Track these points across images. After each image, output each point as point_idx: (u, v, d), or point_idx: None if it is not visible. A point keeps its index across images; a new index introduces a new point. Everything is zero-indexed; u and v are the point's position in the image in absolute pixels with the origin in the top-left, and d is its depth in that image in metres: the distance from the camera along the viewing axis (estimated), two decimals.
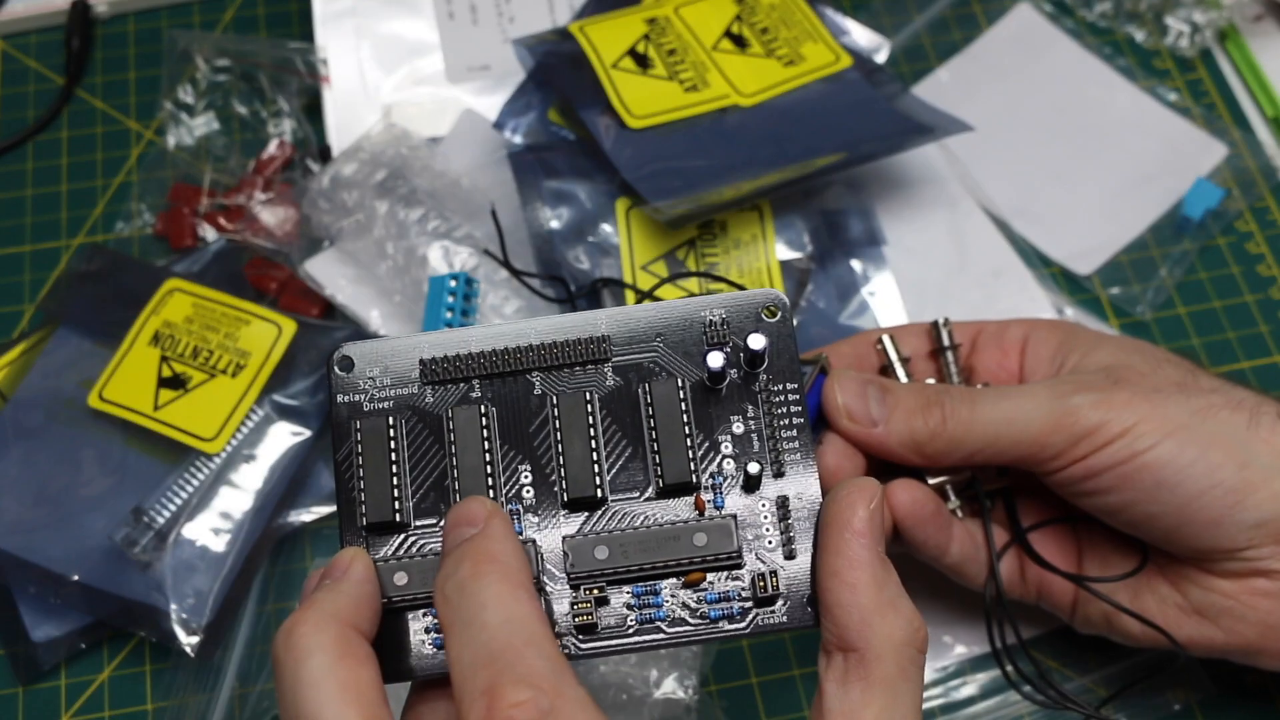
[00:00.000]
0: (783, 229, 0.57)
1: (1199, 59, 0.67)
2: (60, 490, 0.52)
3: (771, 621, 0.36)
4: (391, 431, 0.37)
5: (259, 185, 0.62)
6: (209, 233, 0.61)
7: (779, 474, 0.37)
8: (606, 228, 0.55)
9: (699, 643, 0.36)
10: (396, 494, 0.37)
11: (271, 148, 0.63)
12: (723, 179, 0.54)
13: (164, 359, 0.54)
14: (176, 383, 0.53)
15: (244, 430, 0.53)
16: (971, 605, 0.52)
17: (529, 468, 0.37)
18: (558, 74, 0.58)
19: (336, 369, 0.38)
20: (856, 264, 0.58)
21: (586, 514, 0.37)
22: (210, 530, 0.52)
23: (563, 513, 0.37)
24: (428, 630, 0.36)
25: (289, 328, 0.55)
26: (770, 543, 0.36)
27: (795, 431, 0.37)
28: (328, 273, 0.58)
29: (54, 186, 0.64)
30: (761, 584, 0.35)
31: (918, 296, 0.58)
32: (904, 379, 0.47)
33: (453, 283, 0.53)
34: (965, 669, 0.52)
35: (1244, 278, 0.61)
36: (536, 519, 0.37)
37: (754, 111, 0.57)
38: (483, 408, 0.37)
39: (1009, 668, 0.47)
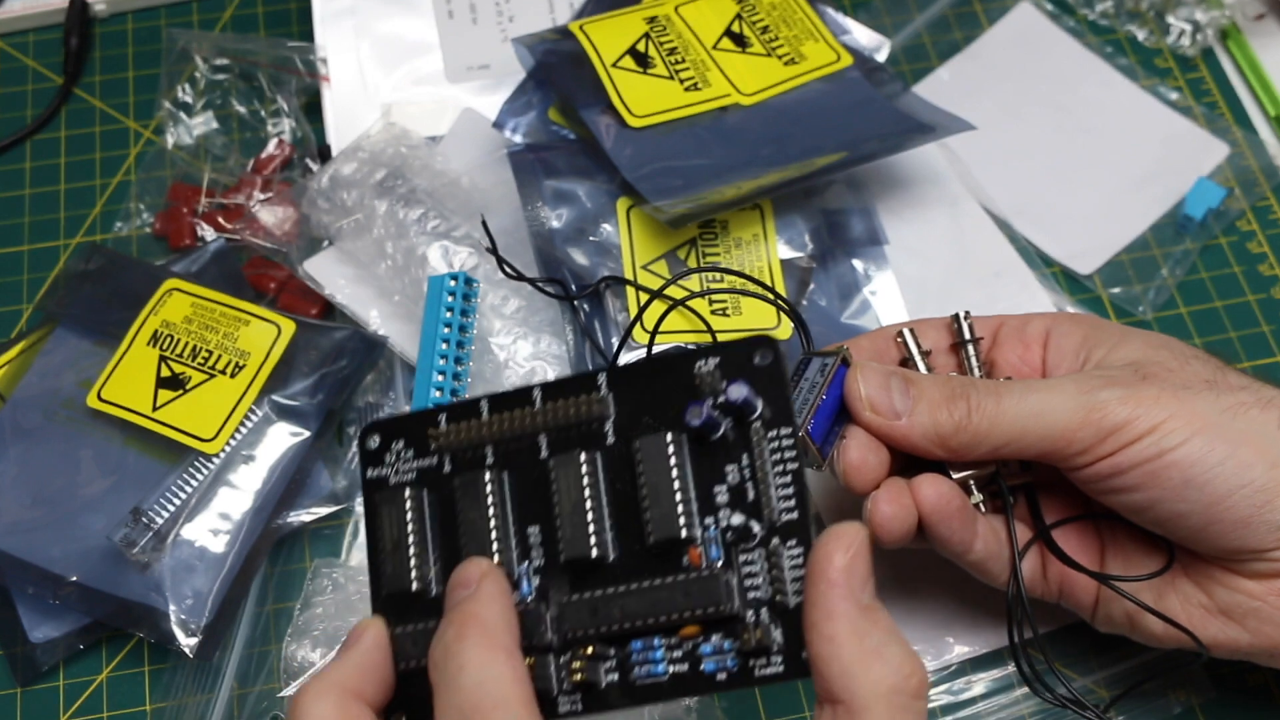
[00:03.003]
0: (784, 228, 0.57)
1: (1200, 58, 0.67)
2: (59, 490, 0.52)
3: (768, 673, 0.35)
4: (409, 504, 0.38)
5: (258, 185, 0.62)
6: (208, 232, 0.61)
7: (773, 524, 0.36)
8: (607, 227, 0.55)
9: (698, 694, 0.36)
10: (415, 564, 0.38)
11: (270, 147, 0.63)
12: (723, 178, 0.54)
13: (163, 359, 0.54)
14: (175, 383, 0.53)
15: (243, 430, 0.53)
16: (974, 605, 0.51)
17: (538, 529, 0.37)
18: (558, 73, 0.58)
19: (363, 445, 0.39)
20: (858, 263, 0.58)
21: (586, 572, 0.37)
22: (209, 531, 0.52)
23: (563, 572, 0.37)
24: None
25: (288, 328, 0.54)
26: (765, 594, 0.35)
27: (790, 479, 0.36)
28: (327, 272, 0.58)
29: (52, 186, 0.64)
30: (758, 635, 0.35)
31: (919, 296, 0.58)
32: (925, 373, 0.47)
33: (452, 282, 0.53)
34: (966, 669, 0.51)
35: (1245, 277, 0.61)
36: (541, 579, 0.37)
37: (754, 110, 0.57)
38: (489, 474, 0.38)
39: (1025, 667, 0.46)
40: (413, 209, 0.57)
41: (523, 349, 0.55)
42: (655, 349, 0.53)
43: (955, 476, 0.45)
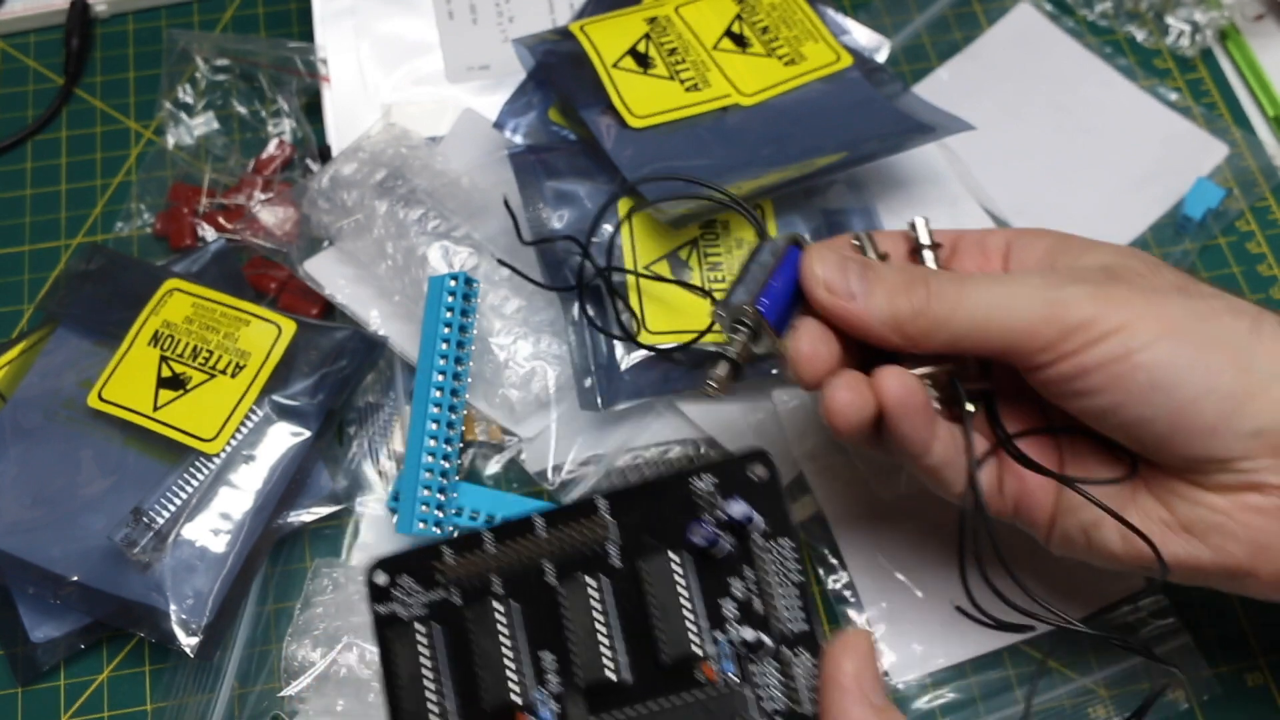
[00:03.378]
0: (784, 228, 0.57)
1: (1200, 58, 0.67)
2: (59, 490, 0.52)
3: None
4: (421, 639, 0.39)
5: (258, 185, 0.62)
6: (208, 232, 0.61)
7: (784, 635, 0.37)
8: (608, 228, 0.55)
9: None
10: (434, 698, 0.38)
11: (271, 147, 0.63)
12: (724, 179, 0.54)
13: (163, 359, 0.54)
14: (176, 383, 0.53)
15: (244, 430, 0.53)
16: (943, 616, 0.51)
17: (553, 655, 0.38)
18: (558, 73, 0.58)
19: (371, 581, 0.40)
20: None
21: (606, 695, 0.37)
22: (210, 531, 0.52)
23: (581, 695, 0.38)
24: None
25: (289, 328, 0.54)
26: (781, 705, 0.36)
27: (796, 590, 0.37)
28: (327, 273, 0.58)
29: (53, 186, 0.64)
30: None
31: None
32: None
33: (452, 282, 0.53)
34: (967, 670, 0.51)
35: (1245, 278, 0.61)
36: (560, 704, 0.38)
37: (754, 111, 0.57)
38: (499, 604, 0.39)
39: (967, 587, 0.43)
40: (413, 209, 0.57)
41: (523, 349, 0.55)
42: (662, 347, 0.53)
43: (915, 373, 0.43)
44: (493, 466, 0.55)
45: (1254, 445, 0.40)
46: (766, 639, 0.37)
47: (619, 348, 0.54)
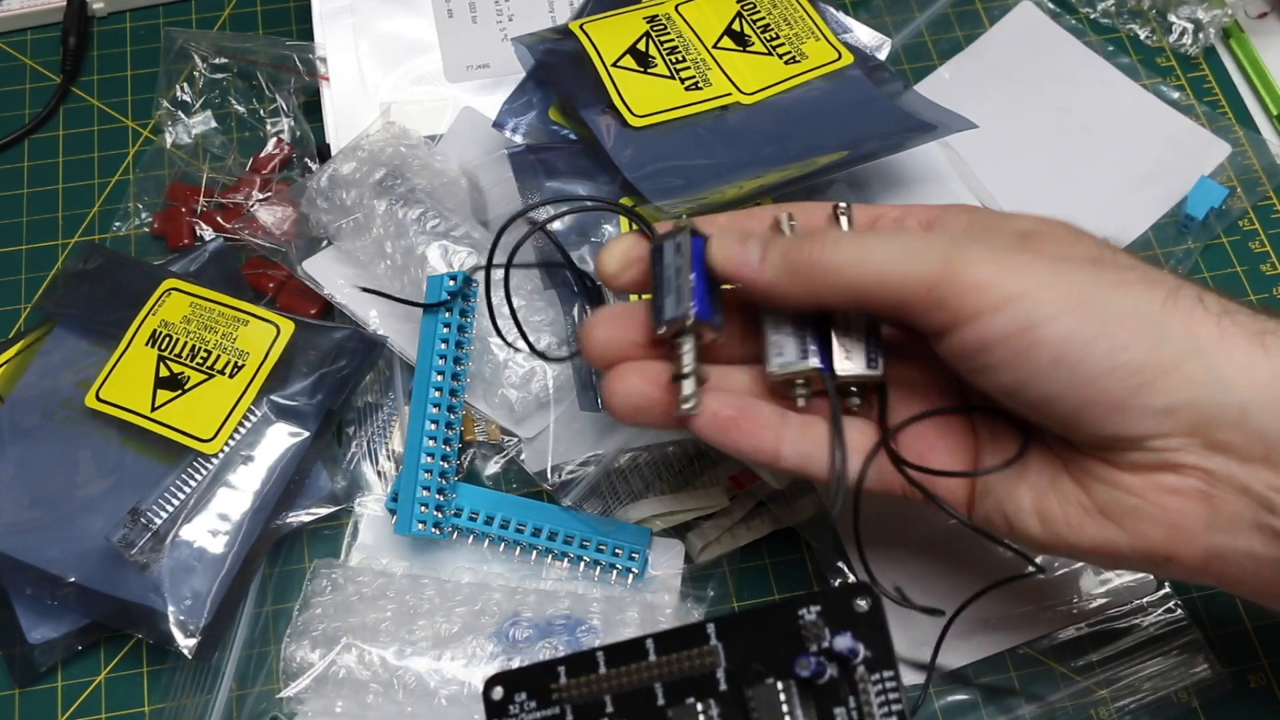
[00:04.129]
0: None
1: (1202, 57, 0.67)
2: (57, 491, 0.52)
3: None
4: None
5: (257, 184, 0.62)
6: (206, 232, 0.61)
7: None
8: (609, 228, 0.55)
9: None
10: None
11: (269, 146, 0.63)
12: (725, 178, 0.53)
13: (161, 359, 0.54)
14: (174, 383, 0.53)
15: (242, 431, 0.53)
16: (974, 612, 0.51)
17: None
18: (558, 72, 0.58)
19: (487, 695, 0.42)
20: None
21: None
22: (208, 531, 0.51)
23: None
24: None
25: (287, 328, 0.54)
26: None
27: (894, 718, 0.38)
28: (326, 272, 0.58)
29: (50, 185, 0.64)
30: None
31: None
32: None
33: (451, 282, 0.53)
34: (968, 672, 0.51)
35: (1248, 277, 0.61)
36: None
37: (755, 109, 0.57)
38: None
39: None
40: (412, 208, 0.57)
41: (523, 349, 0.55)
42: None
43: (773, 373, 0.43)
44: (492, 467, 0.55)
45: (1165, 423, 0.39)
46: None
47: None
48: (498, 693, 0.42)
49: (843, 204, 0.46)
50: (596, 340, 0.45)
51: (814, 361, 0.43)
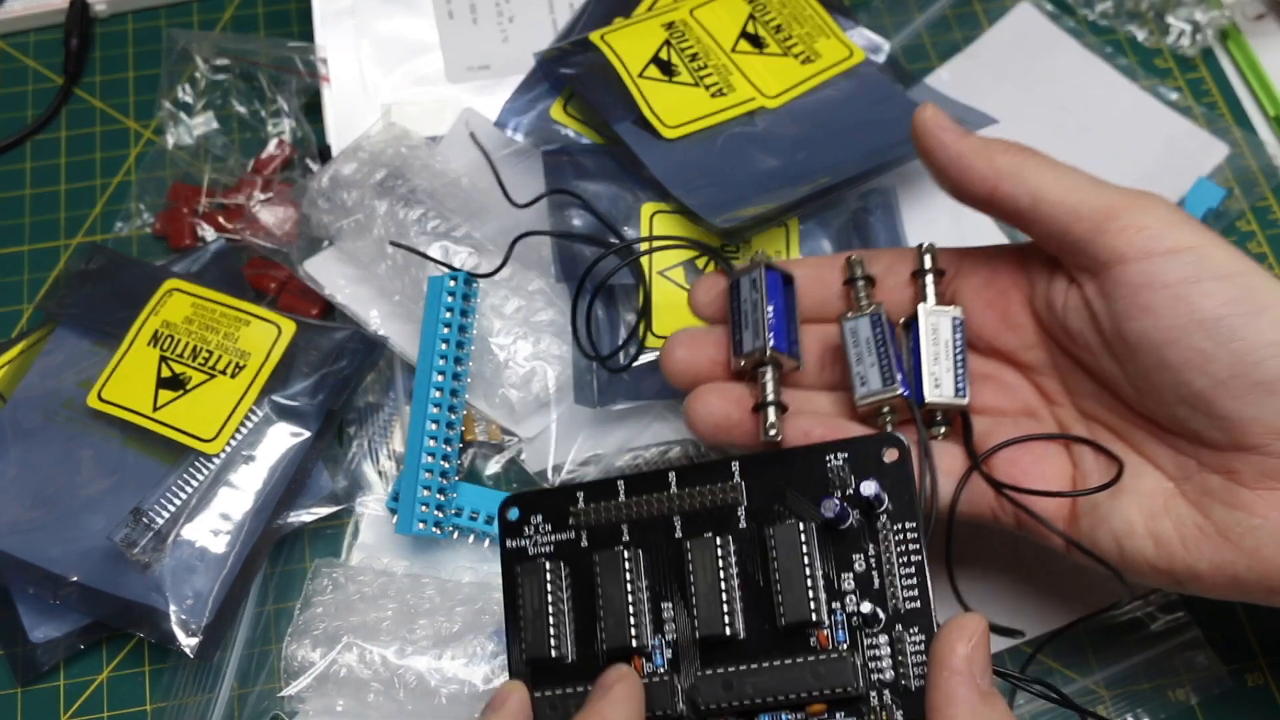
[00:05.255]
0: (809, 221, 0.57)
1: (1200, 58, 0.67)
2: (59, 491, 0.52)
3: None
4: (549, 575, 0.41)
5: (258, 185, 0.62)
6: (208, 232, 0.61)
7: (898, 611, 0.38)
8: (630, 232, 0.55)
9: None
10: (554, 633, 0.40)
11: (271, 147, 0.63)
12: (769, 191, 0.54)
13: (163, 359, 0.54)
14: (176, 383, 0.53)
15: (243, 431, 0.53)
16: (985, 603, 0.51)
17: (671, 605, 0.40)
18: (586, 86, 0.57)
19: (503, 516, 0.42)
20: None
21: (719, 649, 0.39)
22: (210, 531, 0.52)
23: (697, 649, 0.39)
24: None
25: (288, 328, 0.54)
26: (888, 676, 0.38)
27: (913, 570, 0.38)
28: (327, 272, 0.58)
29: (52, 186, 0.64)
30: (882, 716, 0.37)
31: None
32: (867, 301, 0.46)
33: (452, 283, 0.53)
34: None
35: None
36: (673, 653, 0.39)
37: (781, 113, 0.57)
38: (628, 552, 0.40)
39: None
40: (413, 209, 0.57)
41: (523, 349, 0.55)
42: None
43: (861, 401, 0.44)
44: (493, 466, 0.55)
45: None
46: (881, 612, 0.38)
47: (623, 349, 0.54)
48: (514, 513, 0.42)
49: (928, 245, 0.47)
50: (678, 359, 0.46)
51: (901, 389, 0.44)
